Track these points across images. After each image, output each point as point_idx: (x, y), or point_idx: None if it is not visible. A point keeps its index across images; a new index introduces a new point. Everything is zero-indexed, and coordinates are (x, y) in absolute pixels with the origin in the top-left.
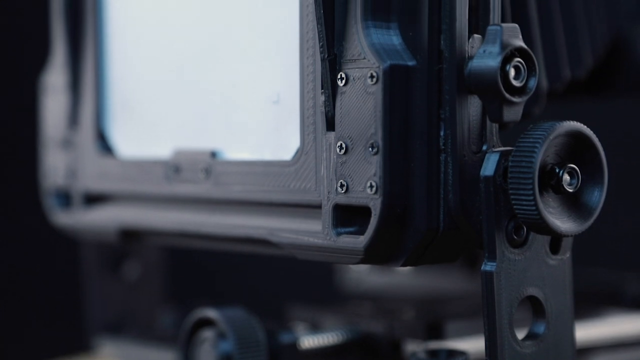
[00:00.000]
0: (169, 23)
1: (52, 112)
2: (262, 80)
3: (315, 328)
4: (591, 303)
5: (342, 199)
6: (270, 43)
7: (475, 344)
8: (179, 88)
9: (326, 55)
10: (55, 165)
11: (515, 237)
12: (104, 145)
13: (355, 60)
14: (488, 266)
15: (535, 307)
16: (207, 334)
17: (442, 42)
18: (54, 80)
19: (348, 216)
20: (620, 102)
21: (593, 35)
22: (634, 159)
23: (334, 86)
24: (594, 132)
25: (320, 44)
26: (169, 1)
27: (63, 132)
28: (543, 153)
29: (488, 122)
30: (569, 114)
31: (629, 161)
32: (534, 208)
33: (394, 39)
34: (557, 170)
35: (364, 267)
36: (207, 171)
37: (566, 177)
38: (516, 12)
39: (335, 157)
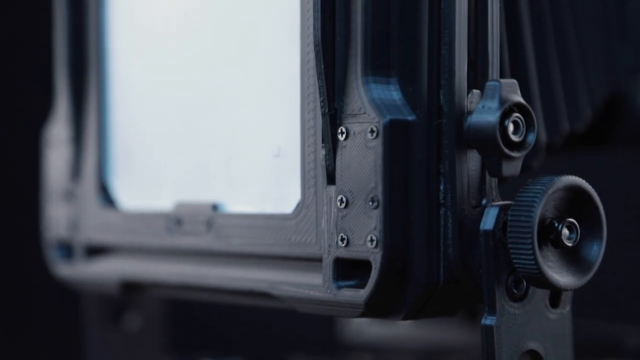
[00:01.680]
0: (171, 76)
1: (55, 165)
2: (263, 134)
3: None
4: (592, 356)
5: (343, 253)
6: (272, 97)
7: None
8: (181, 141)
9: (327, 110)
10: (57, 217)
11: (515, 291)
12: (106, 197)
13: (355, 114)
14: (488, 320)
15: None
16: None
17: (441, 97)
18: (57, 133)
19: (348, 269)
20: (619, 154)
21: (591, 88)
22: (633, 211)
23: (335, 140)
24: (593, 185)
25: (321, 98)
26: (171, 54)
27: (65, 184)
28: (542, 207)
29: (487, 176)
30: (568, 166)
31: (628, 213)
32: (533, 262)
33: (394, 94)
34: (556, 225)
35: (364, 319)
36: (209, 224)
37: (565, 231)
38: (515, 66)
39: (335, 210)
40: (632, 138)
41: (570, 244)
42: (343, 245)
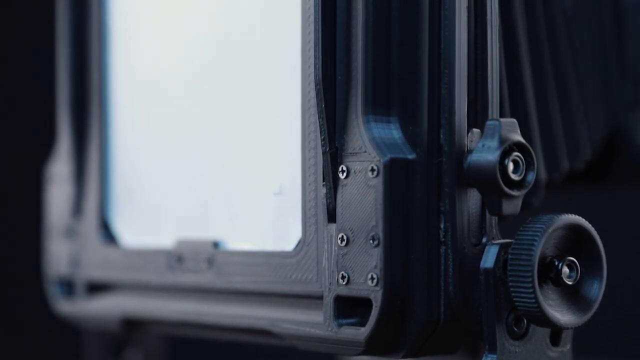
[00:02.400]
0: (173, 114)
1: (57, 201)
2: (264, 172)
3: None
4: None
5: (344, 291)
6: (273, 135)
7: None
8: (182, 178)
9: (328, 148)
10: (58, 254)
11: (515, 329)
12: (107, 234)
13: (356, 153)
14: (489, 358)
15: None
16: None
17: (441, 136)
18: (59, 170)
19: (349, 307)
20: (619, 191)
21: (590, 125)
22: (633, 248)
23: (335, 179)
24: (593, 222)
25: (322, 137)
26: (173, 93)
27: (67, 220)
28: (542, 246)
29: (487, 214)
30: (568, 203)
31: (629, 250)
32: (533, 301)
33: (394, 132)
34: (556, 263)
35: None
36: (210, 261)
37: (565, 269)
38: (515, 105)
39: (336, 248)
40: (631, 175)
41: (570, 282)
42: (344, 283)
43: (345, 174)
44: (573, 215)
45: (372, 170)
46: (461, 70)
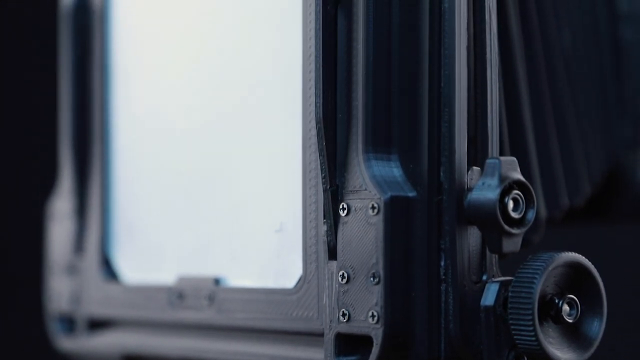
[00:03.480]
0: (174, 152)
1: (58, 238)
2: (265, 209)
3: None
4: None
5: (344, 328)
6: (274, 172)
7: None
8: (183, 215)
9: (328, 186)
10: (59, 290)
11: None
12: (108, 270)
13: (356, 191)
14: None
15: None
16: None
17: (441, 174)
18: (61, 207)
19: (350, 345)
20: (619, 228)
21: (590, 163)
22: (634, 286)
23: (336, 216)
24: (593, 259)
25: (323, 175)
26: (174, 129)
27: (68, 257)
28: (542, 284)
29: (488, 252)
30: (568, 240)
31: (629, 287)
32: (534, 338)
33: (395, 170)
34: (556, 301)
35: None
36: (211, 298)
37: (566, 307)
38: (514, 143)
39: (337, 286)
40: (631, 212)
41: (570, 320)
42: (344, 320)
43: (346, 211)
44: (573, 254)
45: (373, 208)
46: (461, 109)
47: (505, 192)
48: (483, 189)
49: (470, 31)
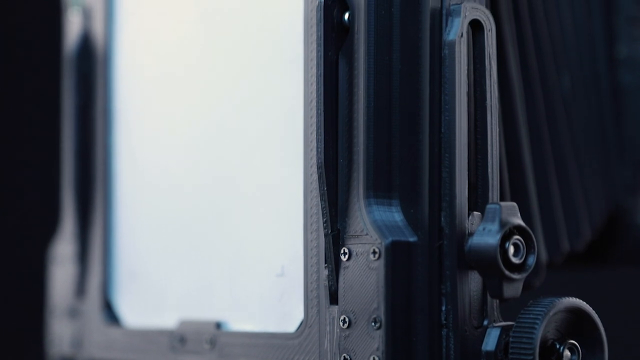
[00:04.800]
0: (175, 196)
1: (60, 281)
2: (266, 253)
3: None
4: None
5: None
6: (275, 216)
7: None
8: (185, 259)
9: (329, 231)
10: (61, 334)
11: None
12: (110, 314)
13: (358, 235)
14: None
15: None
16: None
17: (442, 219)
18: (63, 250)
19: None
20: (619, 272)
21: (590, 207)
22: (634, 329)
23: (337, 261)
24: (593, 303)
25: (324, 219)
26: (175, 175)
27: (70, 301)
28: (543, 329)
29: (489, 297)
30: (568, 284)
31: (630, 331)
32: None
33: (396, 215)
34: (557, 346)
35: None
36: (212, 342)
37: (567, 353)
38: (515, 187)
39: (338, 330)
40: (631, 256)
41: None
42: None
43: (347, 256)
44: (574, 299)
45: (374, 252)
46: (461, 155)
47: (505, 238)
48: (484, 235)
49: (471, 77)
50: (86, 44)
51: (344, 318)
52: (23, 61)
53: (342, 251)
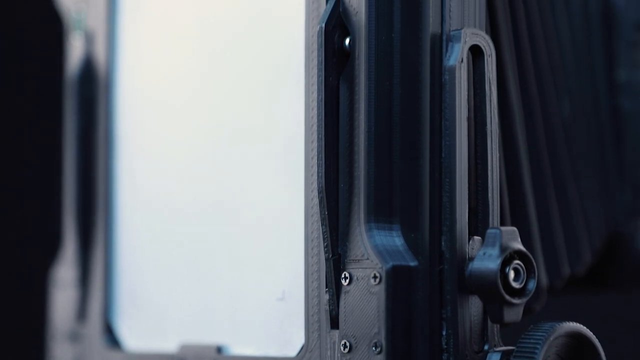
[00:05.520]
0: (176, 221)
1: (61, 305)
2: (267, 277)
3: None
4: None
5: None
6: (276, 241)
7: None
8: (186, 283)
9: (330, 255)
10: (62, 358)
11: None
12: (111, 338)
13: (358, 260)
14: None
15: None
16: None
17: (443, 243)
18: (64, 274)
19: None
20: (620, 296)
21: (591, 231)
22: (635, 353)
23: (338, 285)
24: (594, 327)
25: (325, 244)
26: (176, 201)
27: (71, 324)
28: (544, 354)
29: (489, 321)
30: (569, 308)
31: (630, 355)
32: None
33: (396, 240)
34: None
35: None
36: None
37: None
38: (515, 212)
39: (339, 355)
40: (632, 280)
41: None
42: None
43: (347, 280)
44: (574, 324)
45: (375, 277)
46: (462, 179)
47: (506, 262)
48: (484, 259)
49: (471, 102)
50: (88, 68)
51: (345, 342)
52: (26, 85)
53: (343, 275)
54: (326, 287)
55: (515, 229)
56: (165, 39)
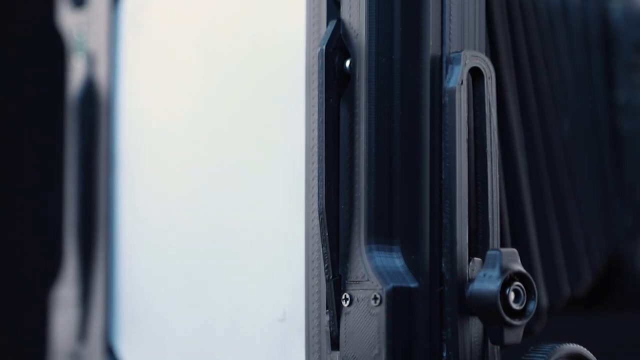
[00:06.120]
0: (178, 240)
1: (62, 326)
2: (268, 298)
3: None
4: None
5: None
6: (277, 262)
7: None
8: (187, 303)
9: (331, 276)
10: None
11: None
12: (112, 358)
13: (359, 281)
14: None
15: None
16: None
17: (443, 264)
18: (65, 294)
19: None
20: (620, 317)
21: (591, 251)
22: None
23: (339, 306)
24: (594, 347)
25: (325, 265)
26: (177, 218)
27: (72, 345)
28: None
29: (489, 343)
30: (569, 328)
31: None
32: None
33: (397, 261)
34: None
35: None
36: None
37: None
38: (515, 233)
39: None
40: (632, 300)
41: None
42: None
43: (348, 302)
44: (574, 345)
45: (375, 298)
46: (462, 201)
47: (506, 284)
48: (484, 281)
49: (471, 124)
50: (90, 90)
51: None
52: (27, 106)
53: (343, 297)
54: (327, 308)
55: (515, 250)
56: (166, 61)
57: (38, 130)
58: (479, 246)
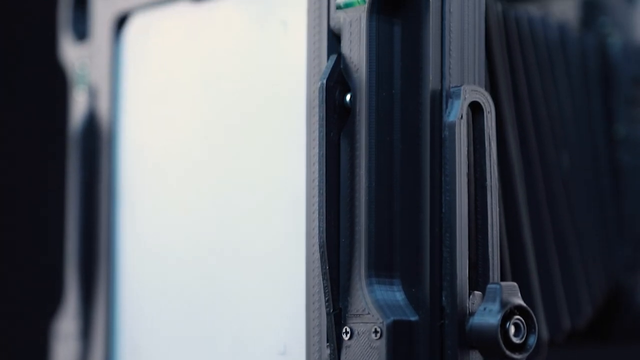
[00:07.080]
0: (178, 273)
1: (63, 358)
2: (269, 331)
3: None
4: None
5: None
6: (277, 295)
7: None
8: (188, 336)
9: (331, 310)
10: None
11: None
12: None
13: (359, 315)
14: None
15: None
16: None
17: (443, 298)
18: (66, 327)
19: None
20: (620, 349)
21: (591, 284)
22: None
23: (339, 340)
24: None
25: (326, 298)
26: (178, 251)
27: None
28: None
29: None
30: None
31: None
32: None
33: (397, 294)
34: None
35: None
36: None
37: None
38: (515, 266)
39: None
40: (632, 333)
41: None
42: None
43: (349, 335)
44: None
45: (376, 332)
46: (462, 234)
47: (506, 318)
48: (484, 314)
49: (471, 158)
50: (91, 123)
51: None
52: (29, 138)
53: (344, 330)
54: (327, 342)
55: (515, 284)
56: (167, 94)
57: (40, 162)
58: (479, 279)
